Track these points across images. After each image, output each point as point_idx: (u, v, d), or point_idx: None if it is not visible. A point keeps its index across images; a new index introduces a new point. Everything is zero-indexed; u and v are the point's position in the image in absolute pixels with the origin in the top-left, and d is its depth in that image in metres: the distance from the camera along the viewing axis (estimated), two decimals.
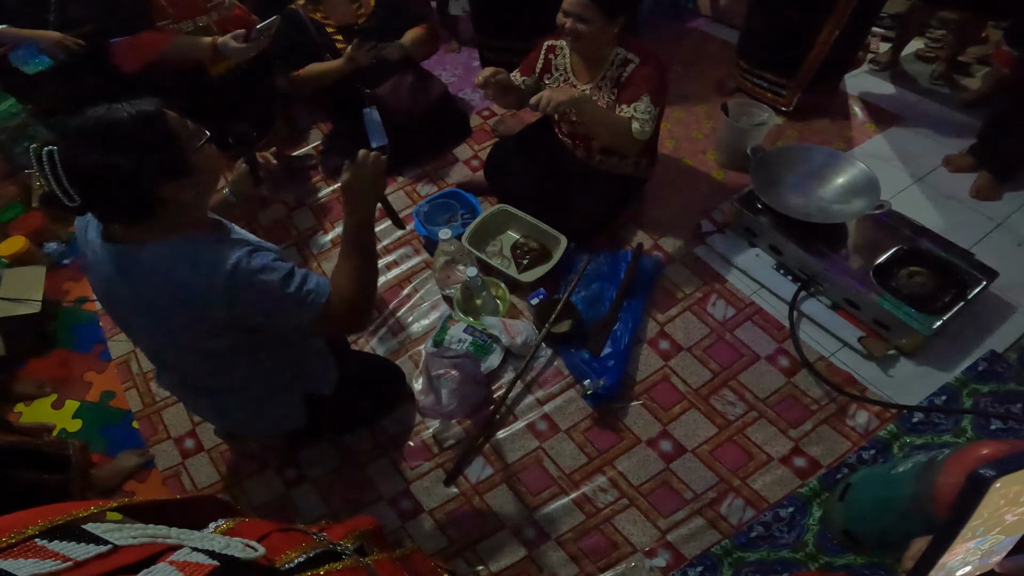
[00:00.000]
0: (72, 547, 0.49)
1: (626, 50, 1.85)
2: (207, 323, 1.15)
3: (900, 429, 1.68)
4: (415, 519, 1.72)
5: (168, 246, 1.09)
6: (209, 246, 1.12)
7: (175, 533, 0.57)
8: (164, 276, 1.08)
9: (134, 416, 2.03)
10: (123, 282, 1.13)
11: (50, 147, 0.95)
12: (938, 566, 0.74)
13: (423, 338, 2.09)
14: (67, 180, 0.96)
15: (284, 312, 1.17)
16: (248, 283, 1.11)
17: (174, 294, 1.10)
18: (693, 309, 2.04)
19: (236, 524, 0.70)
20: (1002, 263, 1.85)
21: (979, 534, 0.72)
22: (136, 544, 0.52)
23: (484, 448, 1.82)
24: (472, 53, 3.14)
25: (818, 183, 2.08)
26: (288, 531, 0.74)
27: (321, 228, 2.51)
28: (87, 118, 0.99)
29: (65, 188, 0.96)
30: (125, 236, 1.11)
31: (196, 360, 1.30)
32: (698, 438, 1.77)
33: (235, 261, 1.09)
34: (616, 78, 1.88)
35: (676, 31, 3.24)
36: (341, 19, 2.36)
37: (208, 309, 1.12)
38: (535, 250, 2.15)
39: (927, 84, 2.71)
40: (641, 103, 1.81)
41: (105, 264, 1.14)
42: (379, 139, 2.48)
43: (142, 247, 1.09)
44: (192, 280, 1.08)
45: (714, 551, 1.57)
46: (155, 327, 1.20)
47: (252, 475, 1.86)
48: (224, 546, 0.56)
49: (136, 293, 1.12)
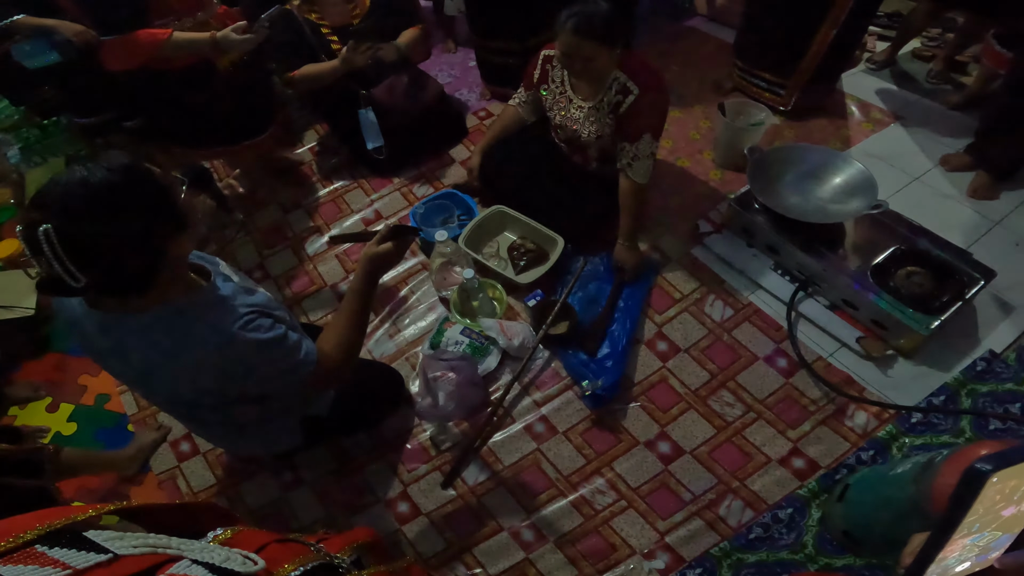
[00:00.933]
0: (72, 555, 0.49)
1: (625, 75, 1.81)
2: (194, 387, 1.12)
3: (899, 430, 1.68)
4: (412, 522, 1.71)
5: (158, 317, 1.02)
6: (200, 317, 1.04)
7: (176, 543, 0.57)
8: (154, 348, 1.03)
9: (129, 419, 2.02)
10: (113, 352, 1.07)
11: (44, 226, 0.84)
12: (936, 561, 0.74)
13: (420, 340, 2.08)
14: (69, 260, 0.86)
15: (273, 380, 1.18)
16: (240, 358, 1.08)
17: (163, 366, 1.05)
18: (691, 310, 2.03)
19: (235, 534, 0.70)
20: (1000, 262, 1.85)
21: (975, 530, 0.72)
22: (137, 554, 0.52)
23: (482, 450, 1.81)
24: (468, 53, 3.14)
25: (815, 183, 2.07)
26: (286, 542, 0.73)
27: (317, 230, 2.50)
28: (69, 186, 0.87)
29: (69, 268, 0.86)
30: (111, 304, 1.02)
31: (185, 406, 1.29)
32: (696, 439, 1.76)
33: (228, 336, 1.05)
34: (615, 105, 1.84)
35: (673, 30, 3.24)
36: (336, 20, 2.34)
37: (197, 379, 1.09)
38: (532, 251, 2.14)
39: (924, 83, 2.71)
40: (642, 142, 1.83)
41: (92, 333, 1.07)
42: (375, 140, 2.47)
43: (131, 317, 1.01)
44: (183, 354, 1.04)
45: (713, 553, 1.56)
46: (146, 390, 1.19)
47: (248, 478, 1.85)
48: (224, 559, 0.56)
49: (122, 358, 1.07)
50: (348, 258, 2.38)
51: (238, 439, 1.49)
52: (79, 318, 1.08)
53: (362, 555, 0.89)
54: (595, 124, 1.92)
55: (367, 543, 0.92)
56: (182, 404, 1.26)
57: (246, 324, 1.07)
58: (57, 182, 0.88)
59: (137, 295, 0.99)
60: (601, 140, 1.95)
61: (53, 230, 0.84)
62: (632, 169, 1.88)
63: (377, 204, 2.55)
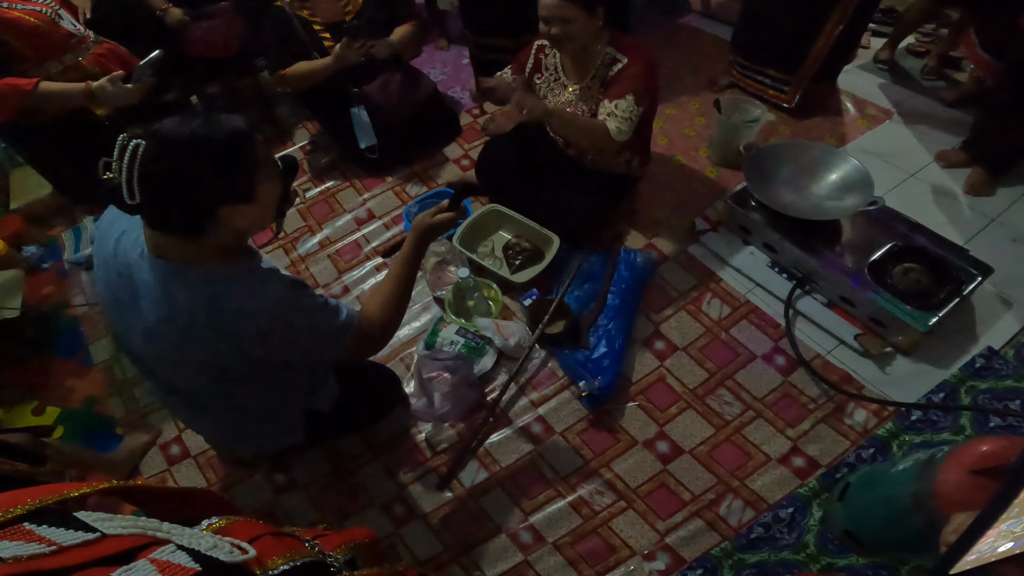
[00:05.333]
0: (60, 533, 0.49)
1: (615, 50, 1.83)
2: (231, 352, 1.12)
3: (899, 427, 1.67)
4: (408, 524, 1.69)
5: (214, 272, 1.06)
6: (253, 277, 1.09)
7: (166, 527, 0.57)
8: (206, 301, 1.05)
9: (118, 422, 1.98)
10: (159, 298, 1.08)
11: (138, 141, 0.93)
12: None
13: (414, 341, 2.05)
14: (137, 177, 0.93)
15: (318, 348, 1.20)
16: (288, 320, 1.11)
17: (211, 320, 1.06)
18: (688, 308, 2.02)
19: (229, 523, 0.68)
20: (997, 259, 1.85)
21: (1015, 515, 0.70)
22: (124, 534, 0.52)
23: (478, 451, 1.79)
24: (462, 51, 3.12)
25: (811, 180, 2.06)
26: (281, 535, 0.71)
27: (309, 230, 2.47)
28: (180, 123, 0.96)
29: (132, 184, 0.93)
30: (170, 253, 1.06)
31: (199, 380, 1.25)
32: (695, 439, 1.75)
33: (279, 296, 1.08)
34: (604, 77, 1.85)
35: (667, 27, 3.23)
36: (328, 16, 2.32)
37: (241, 340, 1.09)
38: (527, 250, 2.12)
39: (919, 79, 2.71)
40: (624, 101, 1.79)
41: (143, 277, 1.09)
42: (367, 139, 2.44)
43: (189, 268, 1.05)
44: (233, 310, 1.06)
45: (714, 553, 1.54)
46: (173, 346, 1.14)
47: (240, 481, 1.82)
48: (211, 547, 0.56)
49: (167, 311, 1.07)
50: (340, 258, 2.35)
51: (238, 432, 1.45)
52: (133, 270, 1.10)
53: (358, 555, 0.88)
54: (588, 102, 1.91)
55: (364, 543, 0.90)
56: (192, 370, 1.21)
57: (294, 287, 1.12)
58: (179, 120, 0.97)
59: (178, 237, 1.03)
60: None
61: (143, 149, 0.92)
62: (609, 121, 1.81)
63: (370, 203, 2.52)
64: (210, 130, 0.97)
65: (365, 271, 2.28)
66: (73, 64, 1.99)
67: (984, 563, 0.73)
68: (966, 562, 0.74)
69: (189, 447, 1.90)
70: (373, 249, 2.34)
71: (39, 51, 1.90)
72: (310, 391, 1.48)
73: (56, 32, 1.93)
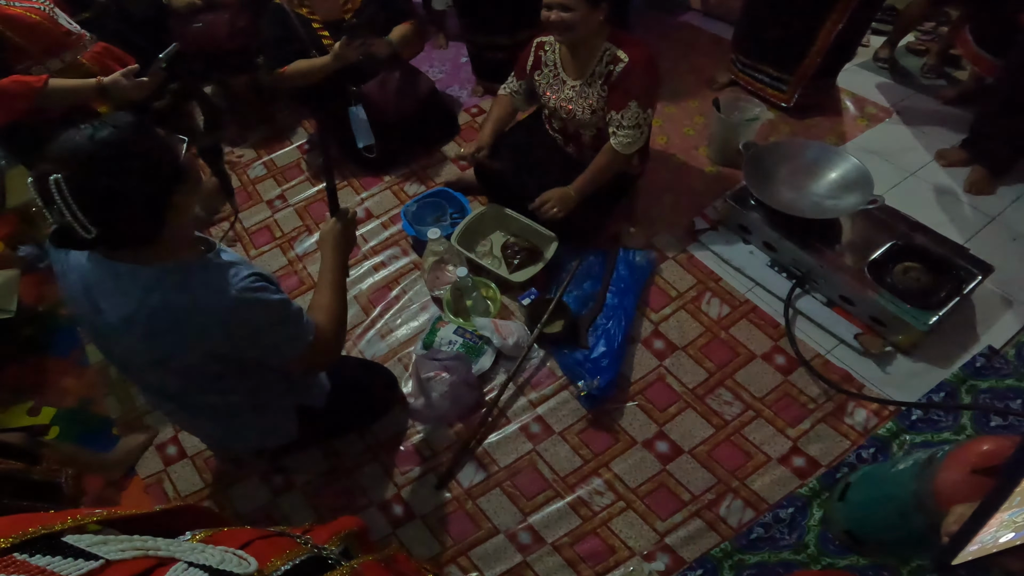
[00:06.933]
0: (58, 562, 0.45)
1: (616, 46, 1.81)
2: (199, 349, 1.11)
3: (899, 427, 1.66)
4: (406, 525, 1.68)
5: (169, 270, 1.05)
6: (209, 275, 1.08)
7: (163, 544, 0.54)
8: (160, 298, 1.04)
9: (114, 422, 1.97)
10: (116, 300, 1.07)
11: (55, 176, 0.88)
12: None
13: (412, 340, 2.04)
14: (80, 208, 0.90)
15: (276, 346, 1.18)
16: (247, 315, 1.10)
17: (169, 317, 1.05)
18: (687, 308, 2.01)
19: (214, 533, 0.66)
20: (997, 258, 1.84)
21: (1016, 504, 0.70)
22: (128, 558, 0.49)
23: (477, 451, 1.78)
24: (460, 49, 3.10)
25: (811, 179, 2.06)
26: (270, 537, 0.70)
27: (306, 229, 2.46)
28: (77, 139, 0.92)
29: (79, 217, 0.90)
30: (121, 255, 1.05)
31: (178, 381, 1.24)
32: (695, 439, 1.74)
33: (238, 288, 1.07)
34: (606, 75, 1.84)
35: (666, 25, 3.22)
36: (327, 14, 2.30)
37: (203, 336, 1.08)
38: (526, 249, 2.11)
39: (919, 77, 2.71)
40: (629, 111, 1.80)
41: (98, 280, 1.08)
42: (365, 138, 2.43)
43: (143, 269, 1.04)
44: (192, 310, 1.05)
45: (714, 553, 1.53)
46: (142, 347, 1.13)
47: (237, 482, 1.81)
48: (220, 561, 0.54)
49: (128, 311, 1.06)
50: None
51: (231, 430, 1.44)
52: (85, 275, 1.09)
53: (350, 544, 0.86)
54: (588, 98, 1.90)
55: (354, 531, 0.89)
56: (178, 376, 1.21)
57: (252, 284, 1.10)
58: (66, 137, 0.93)
59: (146, 244, 1.03)
60: (596, 117, 1.92)
61: (63, 180, 0.88)
62: (616, 137, 1.85)
63: (368, 203, 2.51)
64: (112, 130, 0.94)
65: (363, 271, 2.27)
66: (73, 62, 1.97)
67: (986, 553, 0.72)
68: (968, 552, 0.73)
69: (186, 447, 1.89)
70: (371, 249, 2.33)
71: (41, 48, 1.89)
72: (299, 388, 1.47)
73: (56, 29, 1.92)
